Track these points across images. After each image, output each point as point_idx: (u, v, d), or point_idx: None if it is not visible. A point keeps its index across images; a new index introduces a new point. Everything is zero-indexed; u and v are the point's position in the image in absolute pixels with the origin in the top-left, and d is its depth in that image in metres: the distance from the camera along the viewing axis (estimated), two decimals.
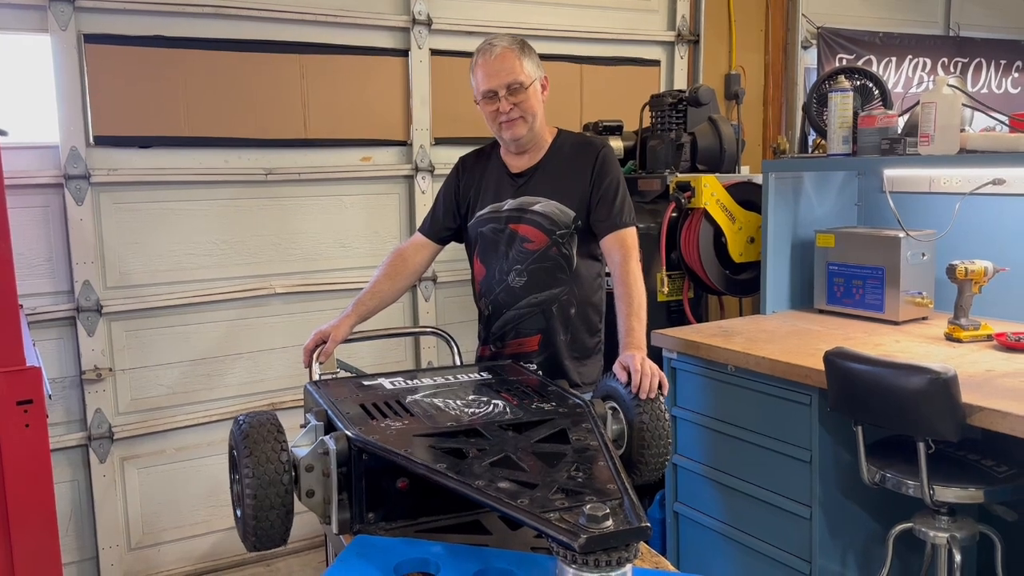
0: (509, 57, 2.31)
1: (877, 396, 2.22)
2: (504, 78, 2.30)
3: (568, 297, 2.43)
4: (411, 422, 1.78)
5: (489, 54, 2.32)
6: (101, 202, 3.20)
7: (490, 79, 2.31)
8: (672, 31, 4.38)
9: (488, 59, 2.32)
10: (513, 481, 1.50)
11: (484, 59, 2.33)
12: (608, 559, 1.29)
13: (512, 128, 2.34)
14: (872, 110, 3.05)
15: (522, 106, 2.32)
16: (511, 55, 2.31)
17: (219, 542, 3.57)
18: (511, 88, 2.30)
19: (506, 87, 2.30)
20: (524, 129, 2.35)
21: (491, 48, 2.33)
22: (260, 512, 1.58)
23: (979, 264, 2.75)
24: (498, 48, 2.32)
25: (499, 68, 2.30)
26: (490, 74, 2.31)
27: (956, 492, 2.20)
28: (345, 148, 3.65)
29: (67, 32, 3.04)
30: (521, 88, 2.31)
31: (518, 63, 2.31)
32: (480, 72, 2.34)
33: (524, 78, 2.31)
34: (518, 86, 2.30)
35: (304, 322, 3.59)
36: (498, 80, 2.30)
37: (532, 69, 2.34)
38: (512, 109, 2.31)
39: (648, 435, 1.89)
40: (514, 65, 2.30)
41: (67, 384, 3.21)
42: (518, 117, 2.33)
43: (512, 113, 2.32)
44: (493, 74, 2.31)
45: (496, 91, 2.31)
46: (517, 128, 2.34)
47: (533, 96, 2.34)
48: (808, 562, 2.59)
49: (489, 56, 2.32)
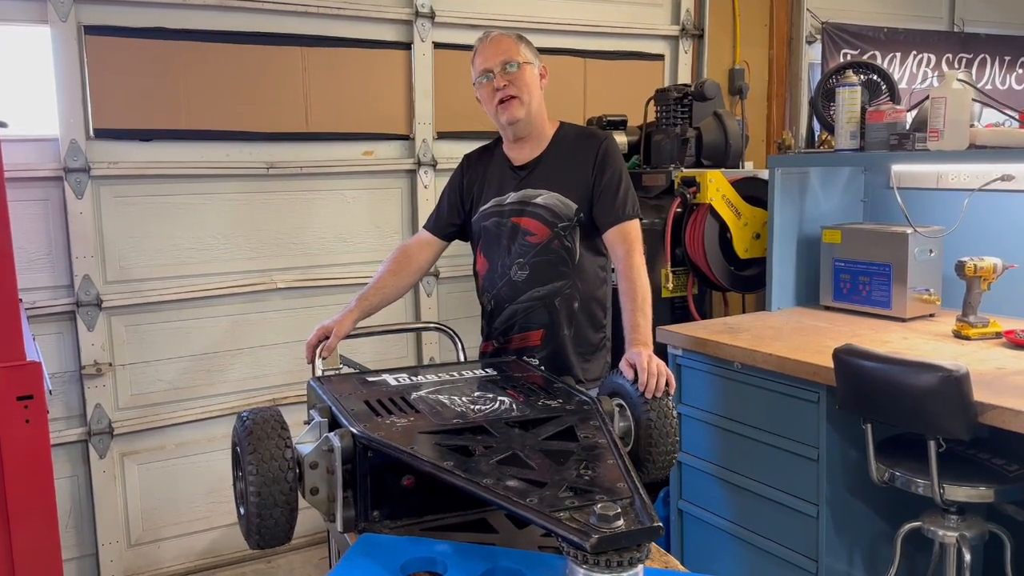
0: (505, 40, 2.37)
1: (887, 394, 2.20)
2: (500, 56, 2.35)
3: (571, 291, 2.40)
4: (416, 419, 1.75)
5: (486, 38, 2.40)
6: (101, 195, 3.17)
7: (486, 59, 2.37)
8: (676, 25, 4.35)
9: (485, 43, 2.40)
10: (521, 479, 1.47)
11: (482, 44, 2.41)
12: (620, 559, 1.27)
13: (509, 109, 2.35)
14: (880, 105, 3.02)
15: (517, 83, 2.34)
16: (507, 39, 2.38)
17: (219, 538, 3.55)
18: (506, 66, 2.33)
19: (501, 64, 2.34)
20: (521, 111, 2.35)
21: (488, 34, 2.43)
22: (264, 510, 1.56)
23: (988, 261, 2.73)
24: (495, 32, 2.41)
25: (495, 49, 2.37)
26: (486, 55, 2.37)
27: (966, 491, 2.18)
28: (347, 142, 3.62)
29: (67, 23, 3.01)
30: (516, 66, 2.34)
31: (514, 46, 2.37)
32: (478, 57, 2.40)
33: (520, 57, 2.36)
34: (513, 64, 2.33)
35: (305, 317, 3.56)
36: (494, 59, 2.35)
37: (528, 54, 2.39)
38: (507, 86, 2.33)
39: (656, 433, 1.87)
40: (510, 46, 2.36)
41: (67, 379, 3.19)
42: (514, 96, 2.34)
43: (508, 90, 2.33)
44: (490, 55, 2.36)
45: (491, 69, 2.35)
46: (514, 109, 2.35)
47: (529, 76, 2.37)
48: (815, 561, 2.56)
49: (486, 40, 2.40)
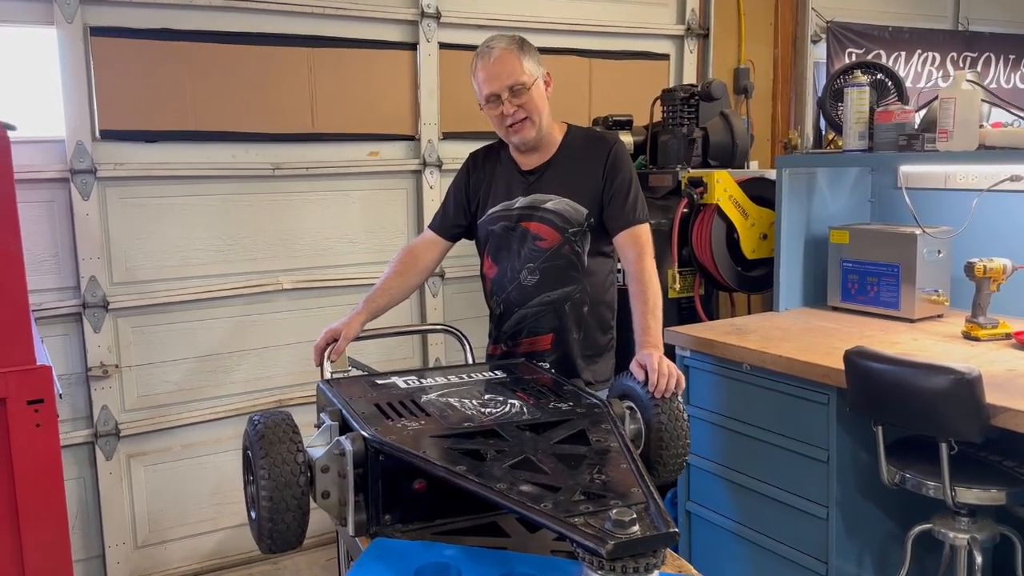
0: (508, 58, 2.27)
1: (899, 396, 2.19)
2: (505, 80, 2.26)
3: (581, 295, 2.39)
4: (427, 422, 1.75)
5: (488, 57, 2.28)
6: (107, 197, 3.16)
7: (491, 83, 2.28)
8: (682, 25, 4.34)
9: (487, 62, 2.28)
10: (535, 484, 1.47)
11: (483, 62, 2.29)
12: (636, 565, 1.26)
13: (521, 132, 2.31)
14: (888, 105, 3.01)
15: (527, 107, 2.29)
16: (510, 56, 2.27)
17: (225, 540, 3.54)
18: (513, 90, 2.27)
19: (508, 89, 2.26)
20: (532, 131, 2.32)
21: (489, 51, 2.29)
22: (276, 514, 1.56)
23: (997, 262, 2.72)
24: (496, 50, 2.28)
25: (499, 71, 2.26)
26: (491, 77, 2.27)
27: (978, 493, 2.17)
28: (353, 143, 3.61)
29: (73, 25, 3.00)
30: (524, 89, 2.27)
31: (518, 64, 2.27)
32: (480, 75, 2.30)
33: (526, 78, 2.27)
34: (520, 87, 2.27)
35: (311, 318, 3.56)
36: (499, 83, 2.26)
37: (533, 67, 2.30)
38: (517, 111, 2.28)
39: (666, 435, 1.87)
40: (515, 66, 2.26)
41: (73, 381, 3.18)
42: (524, 118, 2.29)
43: (517, 115, 2.29)
44: (494, 77, 2.27)
45: (498, 94, 2.28)
46: (526, 131, 2.31)
47: (537, 95, 2.30)
48: (824, 563, 2.56)
49: (488, 59, 2.28)
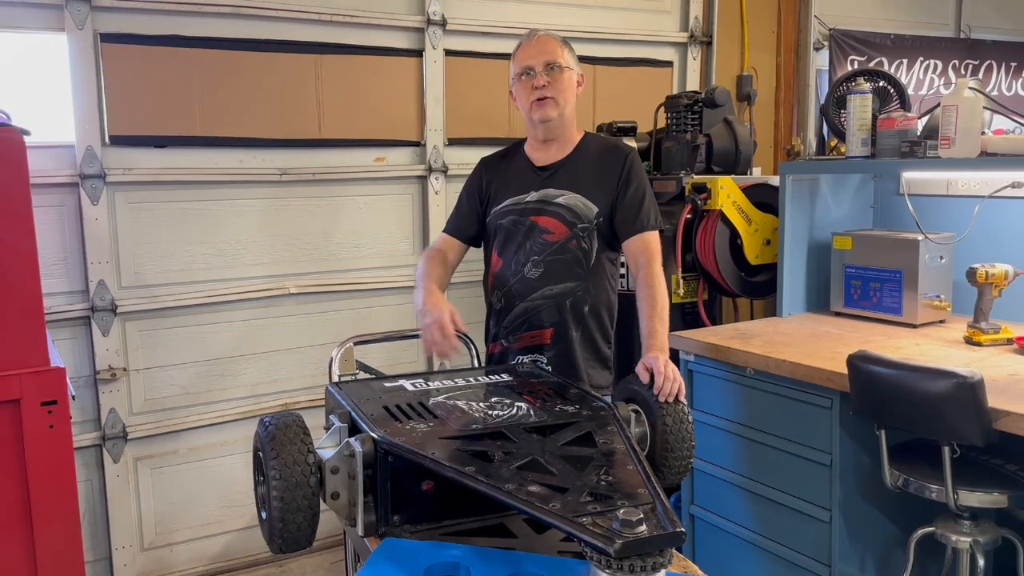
0: (550, 42, 2.41)
1: (902, 400, 2.21)
2: (544, 56, 2.38)
3: (583, 294, 2.42)
4: (436, 424, 1.77)
5: (531, 38, 2.44)
6: (116, 202, 3.19)
7: (530, 57, 2.40)
8: (685, 32, 4.37)
9: (530, 42, 2.43)
10: (543, 485, 1.48)
11: (526, 43, 2.43)
12: (643, 564, 1.28)
13: (543, 108, 2.38)
14: (891, 112, 3.04)
15: (556, 86, 2.38)
16: (552, 41, 2.42)
17: (232, 542, 3.56)
18: (548, 66, 2.37)
19: (544, 64, 2.37)
20: (555, 112, 2.39)
21: (534, 32, 2.45)
22: (287, 515, 1.58)
23: (999, 268, 2.74)
24: (540, 33, 2.44)
25: (541, 48, 2.40)
26: (530, 53, 2.40)
27: (980, 497, 2.19)
28: (359, 148, 3.64)
29: (84, 31, 3.04)
30: (559, 69, 2.37)
31: (559, 49, 2.40)
32: (520, 53, 2.43)
33: (562, 61, 2.39)
34: (556, 66, 2.37)
35: (317, 323, 3.58)
36: (538, 58, 2.38)
37: (571, 59, 2.43)
38: (547, 86, 2.37)
39: (672, 438, 1.89)
40: (555, 48, 2.40)
41: (81, 384, 3.20)
42: (550, 97, 2.37)
43: (546, 90, 2.37)
44: (534, 53, 2.40)
45: (533, 67, 2.37)
46: (548, 109, 2.38)
47: (568, 82, 2.40)
48: (827, 566, 2.57)
49: (531, 39, 2.44)
